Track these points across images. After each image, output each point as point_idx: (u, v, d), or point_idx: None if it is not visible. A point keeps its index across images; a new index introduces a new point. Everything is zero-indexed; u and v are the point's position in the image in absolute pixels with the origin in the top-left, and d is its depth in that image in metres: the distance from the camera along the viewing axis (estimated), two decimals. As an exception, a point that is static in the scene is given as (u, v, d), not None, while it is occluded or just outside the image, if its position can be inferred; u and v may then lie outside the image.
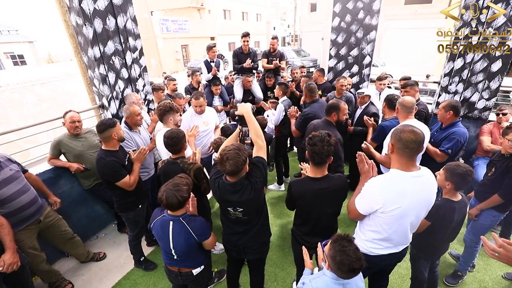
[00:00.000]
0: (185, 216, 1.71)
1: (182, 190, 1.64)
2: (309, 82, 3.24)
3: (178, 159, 2.18)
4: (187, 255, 1.76)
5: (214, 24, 25.56)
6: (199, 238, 1.70)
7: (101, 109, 3.32)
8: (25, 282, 2.09)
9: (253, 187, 1.68)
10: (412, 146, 1.37)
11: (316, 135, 1.71)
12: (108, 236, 3.38)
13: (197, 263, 1.84)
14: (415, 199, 1.44)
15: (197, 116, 3.12)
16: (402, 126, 1.45)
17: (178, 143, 2.14)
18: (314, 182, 1.77)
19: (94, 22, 2.85)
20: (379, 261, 1.63)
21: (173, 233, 1.68)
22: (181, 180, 1.71)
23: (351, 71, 4.43)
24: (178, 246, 1.70)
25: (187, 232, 1.67)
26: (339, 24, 4.22)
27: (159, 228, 1.73)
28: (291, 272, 2.73)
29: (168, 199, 1.59)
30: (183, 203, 1.65)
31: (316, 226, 1.88)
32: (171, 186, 1.63)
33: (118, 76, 3.21)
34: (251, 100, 4.62)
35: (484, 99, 3.62)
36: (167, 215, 1.71)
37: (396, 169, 1.45)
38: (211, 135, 3.22)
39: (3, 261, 1.80)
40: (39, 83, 5.27)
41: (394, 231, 1.51)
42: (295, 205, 1.94)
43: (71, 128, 2.73)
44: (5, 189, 2.05)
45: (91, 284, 2.74)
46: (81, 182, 2.97)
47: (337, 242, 1.28)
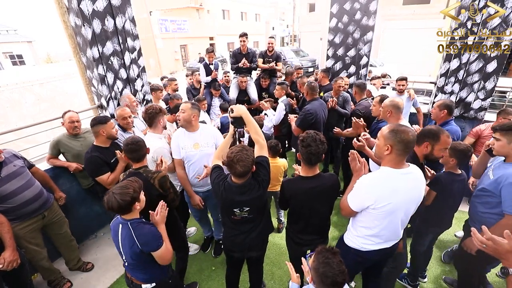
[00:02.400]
0: (134, 221, 1.57)
1: (126, 194, 1.51)
2: (310, 81, 3.27)
3: (141, 169, 2.01)
4: (135, 264, 1.62)
5: (213, 24, 25.57)
6: (143, 247, 1.54)
7: (99, 109, 3.34)
8: (25, 280, 2.12)
9: (260, 185, 1.72)
10: (411, 146, 1.44)
11: (307, 136, 1.73)
12: (106, 235, 3.40)
13: (147, 278, 1.68)
14: (405, 195, 1.47)
15: (187, 135, 2.36)
16: (397, 127, 1.46)
17: (137, 150, 1.97)
18: (305, 181, 1.80)
19: (93, 23, 2.87)
20: (371, 257, 1.67)
21: (121, 237, 1.58)
22: (129, 183, 1.57)
23: (349, 71, 4.46)
24: (124, 252, 1.60)
25: (131, 238, 1.54)
26: (336, 25, 4.25)
27: (112, 229, 1.66)
28: (288, 271, 2.75)
29: (108, 202, 1.49)
30: (125, 207, 1.52)
31: (308, 224, 1.91)
32: (116, 188, 1.53)
33: (117, 77, 3.24)
34: (246, 101, 4.65)
35: (480, 99, 3.66)
36: (119, 218, 1.61)
37: (387, 167, 1.48)
38: (203, 161, 2.40)
39: (3, 258, 1.82)
40: (38, 83, 5.28)
41: (384, 227, 1.54)
42: (288, 204, 1.96)
43: (70, 128, 2.75)
44: (7, 185, 2.10)
45: (90, 283, 2.76)
46: (80, 182, 2.99)
47: (321, 253, 1.27)
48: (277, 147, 2.95)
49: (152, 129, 2.51)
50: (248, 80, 4.59)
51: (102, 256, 3.07)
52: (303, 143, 1.72)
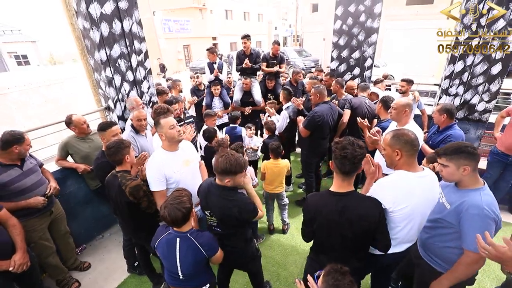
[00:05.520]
0: (192, 232, 1.61)
1: (184, 202, 1.54)
2: (318, 85, 3.29)
3: (119, 173, 2.01)
4: (194, 274, 1.67)
5: (216, 24, 25.62)
6: (208, 253, 1.61)
7: (107, 111, 3.38)
8: (36, 281, 2.16)
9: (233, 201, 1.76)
10: (417, 143, 1.47)
11: (343, 139, 1.47)
12: (113, 236, 3.44)
13: (202, 282, 1.73)
14: (422, 198, 1.49)
15: (172, 155, 2.05)
16: (396, 132, 1.54)
17: (116, 153, 1.98)
18: (334, 197, 1.47)
19: (101, 26, 2.91)
20: (381, 260, 1.68)
21: (180, 251, 1.58)
22: (180, 193, 1.60)
23: (353, 73, 4.48)
24: (185, 264, 1.60)
25: (195, 249, 1.58)
26: (340, 27, 4.27)
27: (165, 247, 1.62)
28: (293, 272, 2.78)
29: (171, 214, 1.48)
30: (188, 215, 1.56)
31: (336, 256, 1.50)
32: (171, 200, 1.53)
33: (124, 79, 3.27)
34: (250, 102, 4.66)
35: (484, 102, 3.66)
36: (173, 232, 1.60)
37: (403, 171, 1.50)
38: (194, 176, 2.24)
39: (14, 261, 1.84)
40: (45, 84, 5.34)
41: (400, 229, 1.54)
42: (311, 228, 1.56)
43: (82, 129, 2.82)
44: (27, 179, 2.25)
45: (97, 283, 2.80)
46: (87, 183, 3.03)
47: (330, 275, 1.19)
48: (278, 149, 2.97)
49: None
50: (252, 81, 4.61)
51: (109, 257, 3.11)
52: (338, 145, 1.45)
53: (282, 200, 3.23)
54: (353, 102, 3.63)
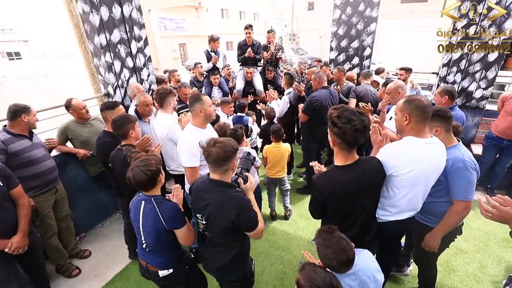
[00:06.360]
0: (158, 197, 1.57)
1: (150, 165, 1.49)
2: (318, 71, 3.33)
3: (124, 146, 2.05)
4: (156, 247, 1.58)
5: (212, 23, 25.55)
6: (167, 224, 1.51)
7: (106, 97, 3.34)
8: (38, 263, 2.13)
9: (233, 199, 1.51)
10: (428, 110, 1.47)
11: (341, 110, 1.37)
12: (113, 224, 3.40)
13: (165, 263, 1.62)
14: (427, 164, 1.50)
15: (201, 132, 2.09)
16: (410, 97, 1.53)
17: (121, 127, 2.03)
18: (345, 170, 1.43)
19: (101, 10, 2.87)
20: (385, 228, 1.69)
21: (143, 214, 1.55)
22: (148, 157, 1.57)
23: (352, 63, 4.51)
24: (146, 230, 1.56)
25: (155, 215, 1.51)
26: (340, 17, 4.29)
27: (132, 208, 1.62)
28: (297, 255, 2.78)
29: (135, 176, 1.46)
30: (153, 179, 1.51)
31: (351, 227, 1.51)
32: (138, 162, 1.51)
33: (124, 65, 3.24)
34: (252, 92, 4.67)
35: (482, 89, 3.71)
36: (142, 195, 1.60)
37: (410, 136, 1.51)
38: None
39: (11, 243, 1.81)
40: (42, 74, 5.25)
41: (404, 195, 1.55)
42: (324, 209, 1.53)
43: (81, 114, 2.78)
44: (36, 150, 2.31)
45: (98, 269, 2.76)
46: (87, 169, 2.99)
47: (320, 237, 1.20)
48: (280, 132, 2.97)
49: (163, 109, 2.57)
50: (254, 71, 4.62)
51: (109, 244, 3.07)
52: (340, 119, 1.34)
53: (284, 186, 3.23)
54: (358, 90, 3.64)
